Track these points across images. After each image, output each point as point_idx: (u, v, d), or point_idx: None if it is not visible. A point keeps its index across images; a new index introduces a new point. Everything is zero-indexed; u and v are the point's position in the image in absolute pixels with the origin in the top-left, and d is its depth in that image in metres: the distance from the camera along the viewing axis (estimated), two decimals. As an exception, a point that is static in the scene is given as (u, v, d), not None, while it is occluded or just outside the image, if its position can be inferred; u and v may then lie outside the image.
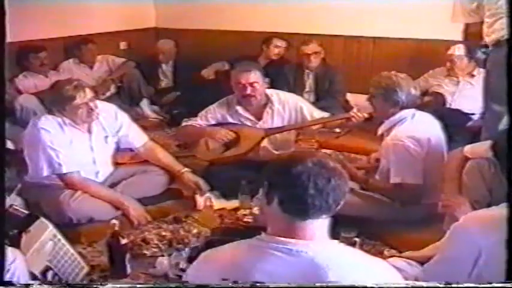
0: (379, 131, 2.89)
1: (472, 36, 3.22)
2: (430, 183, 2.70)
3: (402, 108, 2.77)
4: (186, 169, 3.21)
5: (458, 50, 3.93)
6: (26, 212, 2.21)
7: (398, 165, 2.69)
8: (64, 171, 2.87)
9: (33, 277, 1.90)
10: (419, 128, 2.76)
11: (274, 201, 1.43)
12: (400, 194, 2.74)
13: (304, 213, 1.41)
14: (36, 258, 1.91)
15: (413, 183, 2.69)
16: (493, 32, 2.91)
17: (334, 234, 2.40)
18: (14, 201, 2.21)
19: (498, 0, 2.86)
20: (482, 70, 3.92)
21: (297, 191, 1.40)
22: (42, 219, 2.07)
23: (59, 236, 2.10)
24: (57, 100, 2.91)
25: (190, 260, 2.32)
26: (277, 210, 1.42)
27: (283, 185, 1.42)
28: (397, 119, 2.77)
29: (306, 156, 1.46)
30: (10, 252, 1.64)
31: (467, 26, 3.40)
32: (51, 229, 2.09)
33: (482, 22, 2.99)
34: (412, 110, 2.80)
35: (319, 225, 1.43)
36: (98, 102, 3.01)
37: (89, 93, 2.92)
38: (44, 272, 1.92)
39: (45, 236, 2.03)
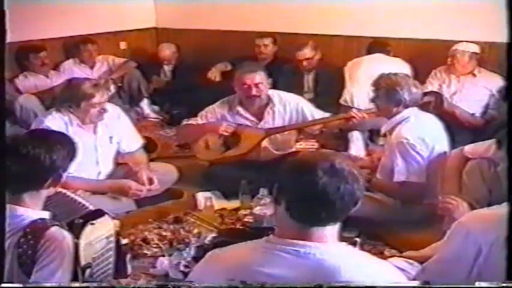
0: (382, 130, 2.90)
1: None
2: (432, 182, 2.70)
3: (406, 106, 2.78)
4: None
5: (461, 46, 3.91)
6: (87, 203, 2.26)
7: (403, 163, 2.71)
8: None
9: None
10: (423, 127, 2.78)
11: (282, 204, 1.41)
12: (403, 193, 2.75)
13: (310, 222, 1.39)
14: (87, 251, 1.90)
15: (417, 182, 2.70)
16: None
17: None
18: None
19: None
20: (482, 69, 3.93)
21: (303, 201, 1.37)
22: (107, 216, 2.06)
23: (112, 238, 2.08)
24: (73, 97, 2.92)
25: (196, 259, 2.33)
26: (285, 214, 1.40)
27: (291, 192, 1.40)
28: (401, 118, 2.78)
29: (317, 162, 1.38)
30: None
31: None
32: (111, 228, 2.07)
33: None
34: (415, 110, 2.81)
35: (326, 231, 1.40)
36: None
37: (106, 94, 2.97)
38: (85, 268, 1.91)
39: (103, 232, 2.01)
